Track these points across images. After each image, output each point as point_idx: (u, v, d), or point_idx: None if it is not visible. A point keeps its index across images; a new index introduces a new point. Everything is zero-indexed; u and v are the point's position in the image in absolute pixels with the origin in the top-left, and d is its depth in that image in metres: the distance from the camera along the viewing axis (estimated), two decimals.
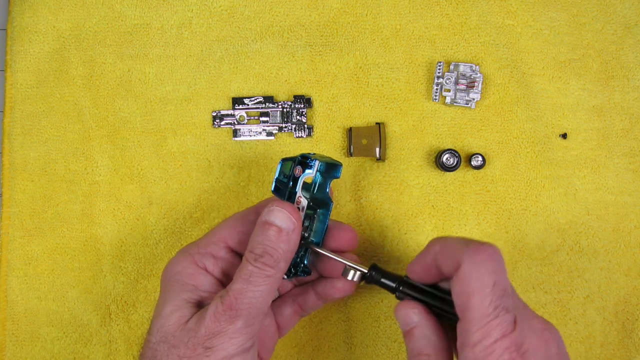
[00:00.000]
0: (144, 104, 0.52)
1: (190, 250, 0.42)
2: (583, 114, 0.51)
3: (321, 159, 0.42)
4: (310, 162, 0.41)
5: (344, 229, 0.45)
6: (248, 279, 0.38)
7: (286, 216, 0.39)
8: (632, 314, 0.50)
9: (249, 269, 0.38)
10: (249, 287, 0.38)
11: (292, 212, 0.39)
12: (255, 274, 0.38)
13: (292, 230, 0.39)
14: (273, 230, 0.39)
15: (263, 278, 0.38)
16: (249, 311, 0.37)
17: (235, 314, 0.37)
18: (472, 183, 0.51)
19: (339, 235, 0.44)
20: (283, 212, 0.39)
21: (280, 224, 0.39)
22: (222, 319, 0.37)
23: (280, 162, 0.43)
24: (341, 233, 0.44)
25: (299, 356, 0.50)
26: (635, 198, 0.50)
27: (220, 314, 0.37)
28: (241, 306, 0.37)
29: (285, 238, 0.39)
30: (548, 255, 0.50)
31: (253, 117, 0.51)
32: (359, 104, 0.51)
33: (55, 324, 0.51)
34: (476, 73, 0.50)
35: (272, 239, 0.39)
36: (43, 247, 0.51)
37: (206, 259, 0.41)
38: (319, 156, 0.42)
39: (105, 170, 0.51)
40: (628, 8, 0.51)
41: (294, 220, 0.39)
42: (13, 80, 0.52)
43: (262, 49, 0.51)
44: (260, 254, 0.38)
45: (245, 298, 0.37)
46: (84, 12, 0.52)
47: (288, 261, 0.40)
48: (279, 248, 0.39)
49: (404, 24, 0.51)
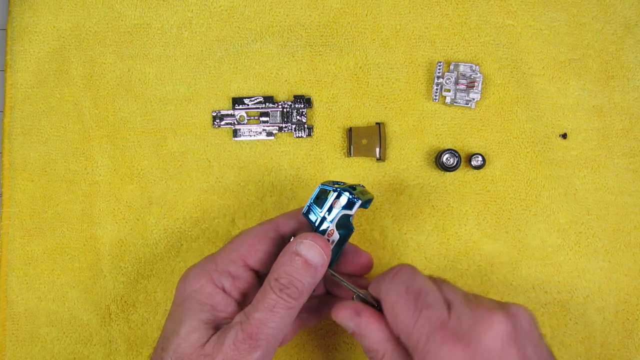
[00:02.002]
0: (144, 104, 0.52)
1: (208, 267, 0.41)
2: (583, 114, 0.51)
3: (362, 196, 0.41)
4: (353, 199, 0.40)
5: (361, 256, 0.44)
6: (272, 310, 0.37)
7: (318, 252, 0.39)
8: (632, 314, 0.50)
9: (273, 298, 0.37)
10: (272, 318, 0.37)
11: (324, 248, 0.39)
12: (280, 305, 0.37)
13: (320, 265, 0.39)
14: (302, 263, 0.38)
15: (286, 310, 0.37)
16: (268, 342, 0.37)
17: (255, 344, 0.36)
18: (472, 183, 0.51)
19: (357, 261, 0.44)
20: (316, 247, 0.39)
21: (312, 259, 0.38)
22: (241, 348, 0.36)
23: (319, 188, 0.41)
24: (358, 259, 0.44)
25: (299, 356, 0.50)
26: (635, 198, 0.50)
27: (240, 343, 0.36)
28: (262, 336, 0.37)
29: (313, 272, 0.38)
30: (548, 255, 0.50)
31: (253, 117, 0.51)
32: (359, 104, 0.51)
33: (55, 324, 0.51)
34: (476, 73, 0.50)
35: (300, 271, 0.38)
36: (43, 247, 0.51)
37: (224, 279, 0.40)
38: (360, 192, 0.41)
39: (105, 170, 0.51)
40: (628, 8, 0.51)
41: (325, 256, 0.39)
42: (13, 80, 0.52)
43: (262, 49, 0.51)
44: (286, 285, 0.38)
45: (266, 328, 0.37)
46: (84, 12, 0.52)
47: (309, 294, 0.39)
48: (305, 281, 0.38)
49: (404, 24, 0.51)
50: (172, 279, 0.51)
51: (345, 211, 0.40)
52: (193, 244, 0.51)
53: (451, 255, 0.50)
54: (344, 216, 0.41)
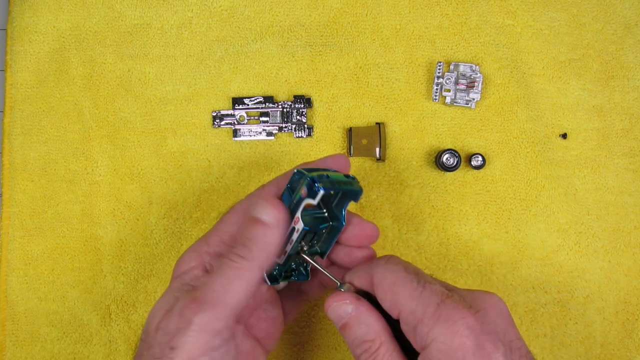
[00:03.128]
0: (144, 104, 0.52)
1: (200, 248, 0.40)
2: (583, 114, 0.51)
3: (332, 185, 0.38)
4: (316, 188, 0.37)
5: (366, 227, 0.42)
6: (217, 271, 0.36)
7: (264, 208, 0.37)
8: (632, 314, 0.50)
9: (221, 260, 0.36)
10: (217, 280, 0.35)
11: (273, 205, 0.37)
12: (225, 265, 0.36)
13: (269, 222, 0.36)
14: (251, 222, 0.37)
15: (234, 270, 0.35)
16: (215, 304, 0.34)
17: (199, 307, 0.34)
18: (472, 183, 0.51)
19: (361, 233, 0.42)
20: (263, 203, 0.37)
21: (258, 215, 0.37)
22: (185, 313, 0.34)
23: (294, 173, 0.39)
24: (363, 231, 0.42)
25: (299, 356, 0.50)
26: (635, 198, 0.50)
27: (184, 308, 0.34)
28: (205, 298, 0.34)
29: (261, 229, 0.36)
30: (548, 255, 0.50)
31: (253, 117, 0.51)
32: (359, 104, 0.51)
33: (55, 324, 0.51)
34: (476, 73, 0.50)
35: (248, 229, 0.36)
36: (43, 247, 0.51)
37: (214, 261, 0.39)
38: (330, 181, 0.38)
39: (105, 170, 0.51)
40: (628, 8, 0.51)
41: (275, 212, 0.37)
42: (13, 80, 0.52)
43: (262, 49, 0.51)
44: (232, 245, 0.36)
45: (209, 290, 0.35)
46: (84, 12, 0.52)
47: (267, 258, 0.37)
48: (253, 238, 0.36)
49: (404, 24, 0.51)
50: None
51: (309, 201, 0.38)
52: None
53: (451, 255, 0.50)
54: (335, 206, 0.39)
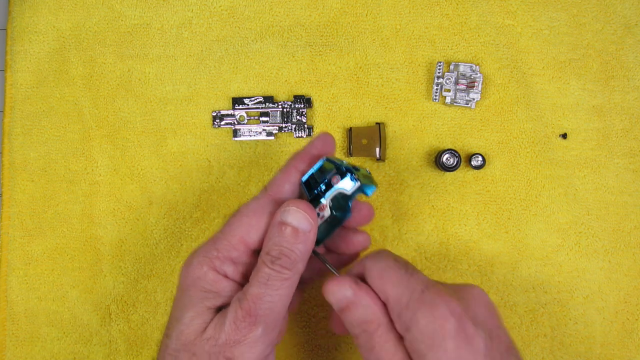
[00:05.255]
0: (144, 104, 0.52)
1: (209, 254, 0.40)
2: (583, 114, 0.51)
3: (363, 179, 0.40)
4: (353, 179, 0.39)
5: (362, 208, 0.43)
6: (266, 283, 0.37)
7: (304, 217, 0.38)
8: (632, 314, 0.50)
9: (266, 271, 0.37)
10: (267, 292, 0.37)
11: (308, 212, 0.38)
12: (273, 277, 0.37)
13: (308, 230, 0.38)
14: (290, 231, 0.38)
15: (281, 281, 0.37)
16: (267, 316, 0.37)
17: (255, 320, 0.36)
18: (472, 183, 0.51)
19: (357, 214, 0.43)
20: (301, 213, 0.38)
21: (298, 225, 0.38)
22: (241, 326, 0.36)
23: (323, 160, 0.40)
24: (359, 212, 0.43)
25: (299, 356, 0.50)
26: (636, 198, 0.50)
27: (240, 321, 0.36)
28: (260, 312, 0.36)
29: (302, 239, 0.38)
30: (548, 255, 0.50)
31: (253, 117, 0.51)
32: (359, 104, 0.51)
33: (55, 324, 0.51)
34: (476, 73, 0.50)
35: (290, 239, 0.38)
36: (43, 247, 0.51)
37: (227, 266, 0.39)
38: (363, 175, 0.41)
39: (105, 170, 0.51)
40: (628, 8, 0.51)
41: (311, 220, 0.38)
42: (13, 80, 0.52)
43: (262, 49, 0.51)
44: (277, 256, 0.37)
45: (263, 303, 0.36)
46: (84, 12, 0.52)
47: (305, 262, 0.38)
48: (296, 249, 0.38)
49: (404, 24, 0.51)
50: (172, 279, 0.51)
51: (343, 190, 0.40)
52: (193, 244, 0.51)
53: (451, 255, 0.50)
54: (342, 196, 0.40)
